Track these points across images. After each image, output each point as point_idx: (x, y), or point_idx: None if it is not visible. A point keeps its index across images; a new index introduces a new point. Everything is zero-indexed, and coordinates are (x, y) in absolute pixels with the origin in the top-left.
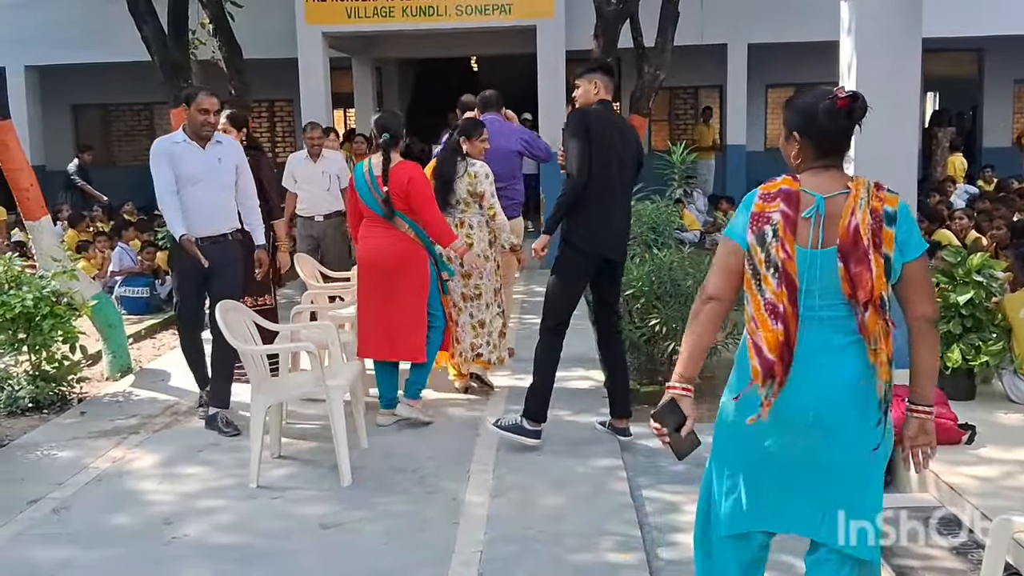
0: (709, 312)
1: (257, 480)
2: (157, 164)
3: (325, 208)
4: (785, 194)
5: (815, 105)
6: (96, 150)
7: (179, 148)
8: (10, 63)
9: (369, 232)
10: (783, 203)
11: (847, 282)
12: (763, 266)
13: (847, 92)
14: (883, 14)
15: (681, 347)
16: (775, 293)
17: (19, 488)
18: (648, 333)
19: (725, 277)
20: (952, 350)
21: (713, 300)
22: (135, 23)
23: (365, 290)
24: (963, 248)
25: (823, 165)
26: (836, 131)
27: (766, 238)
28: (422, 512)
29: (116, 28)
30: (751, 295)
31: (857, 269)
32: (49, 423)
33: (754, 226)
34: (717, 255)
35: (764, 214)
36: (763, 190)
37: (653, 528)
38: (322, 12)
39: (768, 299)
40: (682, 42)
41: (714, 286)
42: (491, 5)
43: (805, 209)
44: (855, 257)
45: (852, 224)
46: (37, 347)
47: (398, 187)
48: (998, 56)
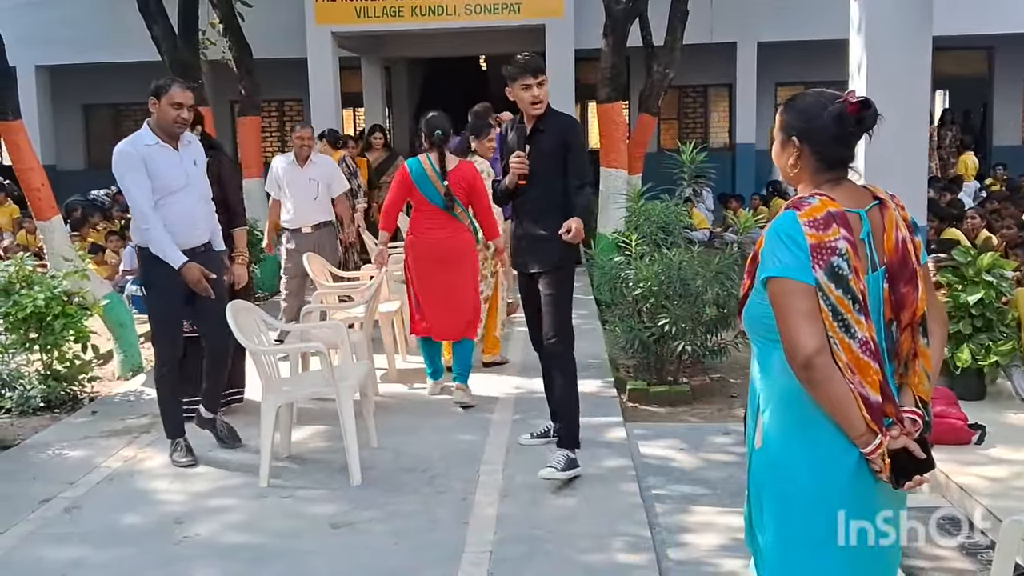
0: (830, 361)
1: (267, 480)
2: (133, 173)
3: (313, 218)
4: (838, 217)
5: (821, 109)
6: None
7: (154, 152)
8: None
9: (428, 223)
10: (843, 228)
11: (889, 304)
12: (846, 305)
13: (858, 97)
14: (893, 12)
15: (837, 413)
16: (867, 330)
17: (31, 487)
18: (657, 333)
19: (816, 322)
20: (962, 350)
21: (824, 350)
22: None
23: (430, 277)
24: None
25: (835, 178)
26: (844, 140)
27: (841, 272)
28: (432, 512)
29: (127, 28)
30: (839, 340)
31: (905, 289)
32: (60, 422)
33: (820, 260)
34: (791, 304)
35: (827, 244)
36: (805, 216)
37: (663, 528)
38: (331, 12)
39: (863, 339)
40: (692, 40)
41: (816, 337)
42: (500, 4)
43: (858, 230)
44: (904, 276)
45: (899, 239)
46: (49, 347)
47: (460, 181)
48: (1008, 54)
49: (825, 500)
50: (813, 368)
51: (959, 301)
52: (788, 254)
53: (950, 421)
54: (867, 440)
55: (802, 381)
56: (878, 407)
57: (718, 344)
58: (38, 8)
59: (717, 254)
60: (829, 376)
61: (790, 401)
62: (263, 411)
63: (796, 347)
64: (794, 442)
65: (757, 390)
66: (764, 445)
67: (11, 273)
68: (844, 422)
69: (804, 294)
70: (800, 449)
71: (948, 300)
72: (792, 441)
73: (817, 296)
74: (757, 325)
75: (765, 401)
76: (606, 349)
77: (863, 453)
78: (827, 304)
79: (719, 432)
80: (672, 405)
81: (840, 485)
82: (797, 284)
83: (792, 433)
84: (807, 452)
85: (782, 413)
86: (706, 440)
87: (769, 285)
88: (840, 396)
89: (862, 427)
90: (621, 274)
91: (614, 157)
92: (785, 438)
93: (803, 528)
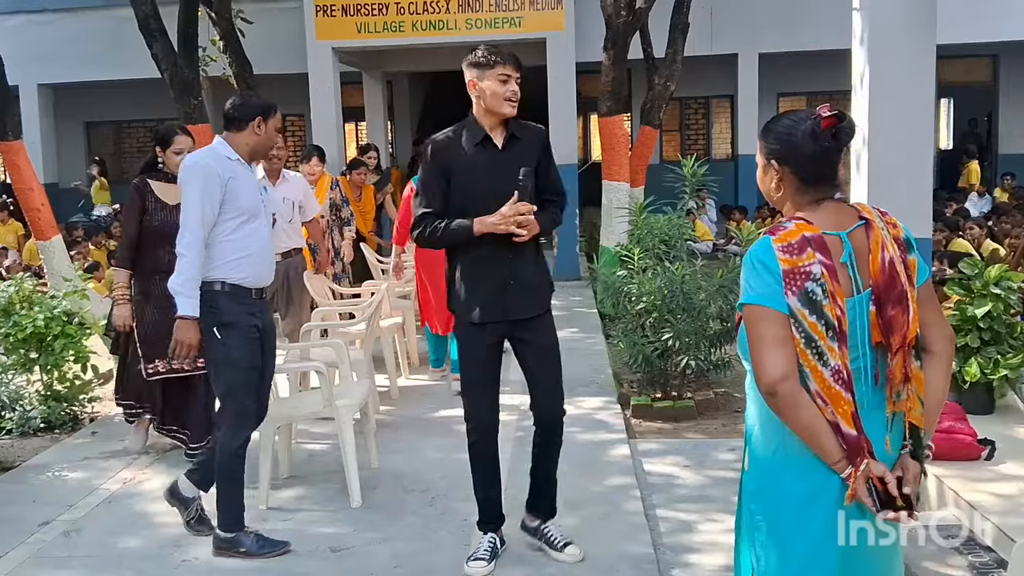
0: (796, 389)
1: (267, 502)
2: (208, 189)
3: (284, 244)
4: (812, 241)
5: (795, 128)
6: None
7: (237, 170)
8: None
9: None
10: (818, 253)
11: (877, 328)
12: (819, 331)
13: (831, 111)
14: (896, 22)
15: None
16: (840, 358)
17: (31, 510)
18: (661, 347)
19: (783, 350)
20: (970, 364)
21: (789, 378)
22: (145, 41)
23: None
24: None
25: (817, 199)
26: (822, 157)
27: (815, 297)
28: (433, 534)
29: (128, 46)
30: (811, 369)
31: (894, 312)
32: (60, 444)
33: (793, 286)
34: (758, 331)
35: (800, 269)
36: (779, 242)
37: (667, 548)
38: (332, 28)
39: (835, 367)
40: (692, 52)
41: (780, 366)
42: (501, 18)
43: (838, 253)
44: (891, 298)
45: (886, 259)
46: (49, 367)
47: None
48: (1013, 62)
49: (810, 524)
50: (776, 395)
51: (967, 314)
52: (759, 281)
53: (959, 437)
54: (843, 466)
55: (770, 407)
56: (854, 439)
57: (722, 358)
58: (39, 27)
59: (720, 267)
60: (794, 404)
61: (775, 424)
62: (262, 432)
63: (760, 374)
64: (778, 466)
65: (748, 411)
66: (750, 468)
67: (11, 294)
68: (818, 449)
69: (773, 321)
70: (784, 473)
71: (956, 313)
72: (776, 465)
73: (789, 323)
74: (741, 349)
75: (752, 423)
76: (610, 364)
77: (842, 479)
78: (800, 332)
79: (724, 448)
80: (676, 421)
81: (825, 510)
82: (767, 311)
83: (776, 457)
84: (791, 476)
85: (767, 436)
86: (710, 456)
87: (743, 311)
88: (807, 423)
89: (837, 454)
90: (624, 288)
91: (616, 170)
92: (769, 461)
93: (788, 552)
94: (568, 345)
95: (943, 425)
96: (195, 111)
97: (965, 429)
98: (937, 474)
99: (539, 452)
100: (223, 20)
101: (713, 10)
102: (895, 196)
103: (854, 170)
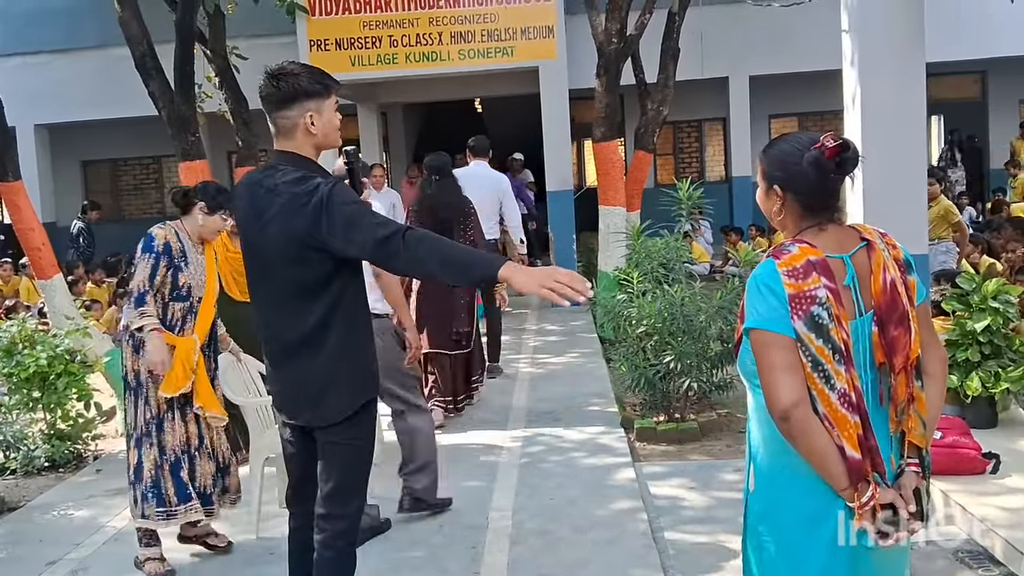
0: (809, 414)
1: (258, 531)
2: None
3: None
4: (817, 265)
5: (798, 155)
6: (105, 205)
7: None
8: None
9: None
10: (823, 277)
11: (880, 349)
12: (826, 355)
13: (836, 140)
14: (886, 42)
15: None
16: (847, 382)
17: (37, 550)
18: (663, 370)
19: (793, 375)
20: (971, 378)
21: (802, 403)
22: (142, 79)
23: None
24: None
25: (820, 222)
26: (826, 186)
27: (820, 321)
28: (441, 562)
29: (123, 84)
30: (818, 392)
31: (896, 332)
32: (65, 482)
33: (799, 310)
34: (767, 357)
35: (806, 294)
36: (784, 266)
37: (677, 571)
38: (326, 61)
39: (841, 391)
40: (684, 77)
41: (796, 390)
42: (494, 48)
43: (841, 276)
44: (894, 319)
45: (887, 281)
46: (52, 406)
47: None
48: (1001, 78)
49: (817, 544)
50: (790, 421)
51: (966, 328)
52: (765, 305)
53: (964, 451)
54: (851, 495)
55: (782, 432)
56: (857, 463)
57: (724, 379)
58: (35, 69)
59: (719, 288)
60: (807, 430)
61: (782, 446)
62: (251, 462)
63: (773, 400)
64: (784, 486)
65: (751, 431)
66: (756, 489)
67: (14, 333)
68: (826, 475)
69: (782, 346)
70: (790, 493)
71: (955, 328)
72: (782, 485)
73: (797, 347)
74: (745, 370)
75: (756, 444)
76: (612, 387)
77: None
78: (807, 356)
79: (729, 469)
80: (681, 443)
81: (832, 530)
82: (775, 336)
83: (782, 477)
84: (797, 496)
85: (772, 456)
86: (716, 477)
87: (750, 335)
88: (819, 449)
89: (844, 481)
90: (624, 312)
91: (612, 195)
92: (775, 482)
93: (797, 572)
94: (570, 369)
95: (947, 439)
96: (192, 147)
97: (969, 443)
98: (943, 489)
99: None
100: (218, 57)
101: (703, 35)
102: (889, 214)
103: (848, 189)
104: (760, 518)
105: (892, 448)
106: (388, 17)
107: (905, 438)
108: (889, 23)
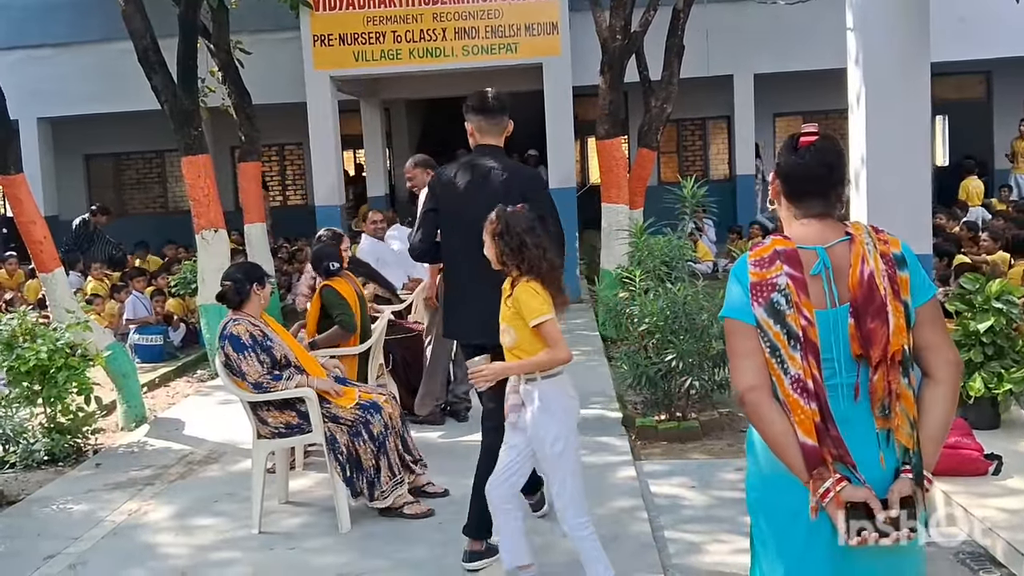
0: (763, 400)
1: (259, 526)
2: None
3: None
4: (782, 254)
5: (785, 144)
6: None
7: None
8: (23, 116)
9: None
10: (785, 264)
11: (857, 340)
12: (782, 340)
13: (811, 130)
14: (891, 42)
15: (779, 454)
16: (802, 368)
17: (35, 543)
18: (664, 368)
19: (751, 360)
20: (974, 379)
21: (756, 388)
22: (145, 73)
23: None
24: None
25: (809, 215)
26: (801, 172)
27: (779, 307)
28: (441, 560)
29: (127, 78)
30: (776, 378)
31: (873, 324)
32: (64, 476)
33: (759, 297)
34: (731, 343)
35: (766, 281)
36: (753, 256)
37: (677, 570)
38: (330, 57)
39: (795, 376)
40: (688, 74)
41: (750, 375)
42: (497, 45)
43: (810, 266)
44: (870, 311)
45: (865, 273)
46: (52, 399)
47: None
48: (1006, 78)
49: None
50: (745, 404)
51: (969, 329)
52: (732, 295)
53: (966, 452)
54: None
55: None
56: (813, 451)
57: (726, 378)
58: (38, 62)
59: (722, 287)
60: (761, 414)
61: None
62: (254, 458)
63: (733, 384)
64: (769, 479)
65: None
66: (748, 480)
67: (14, 327)
68: (787, 463)
69: (743, 334)
70: (775, 486)
71: (958, 328)
72: (768, 478)
73: (757, 335)
74: None
75: (752, 437)
76: (613, 386)
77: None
78: (766, 341)
79: (730, 468)
80: (682, 442)
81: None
82: (738, 324)
83: (767, 470)
84: (780, 490)
85: (762, 448)
86: (717, 477)
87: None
88: (776, 436)
89: (804, 472)
90: (626, 310)
91: (615, 192)
92: (762, 474)
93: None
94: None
95: (949, 440)
96: (195, 142)
97: (971, 444)
98: (945, 490)
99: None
100: (222, 51)
101: (708, 32)
102: (894, 213)
103: (853, 189)
104: (753, 509)
105: (881, 446)
106: (392, 12)
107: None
108: (894, 22)
